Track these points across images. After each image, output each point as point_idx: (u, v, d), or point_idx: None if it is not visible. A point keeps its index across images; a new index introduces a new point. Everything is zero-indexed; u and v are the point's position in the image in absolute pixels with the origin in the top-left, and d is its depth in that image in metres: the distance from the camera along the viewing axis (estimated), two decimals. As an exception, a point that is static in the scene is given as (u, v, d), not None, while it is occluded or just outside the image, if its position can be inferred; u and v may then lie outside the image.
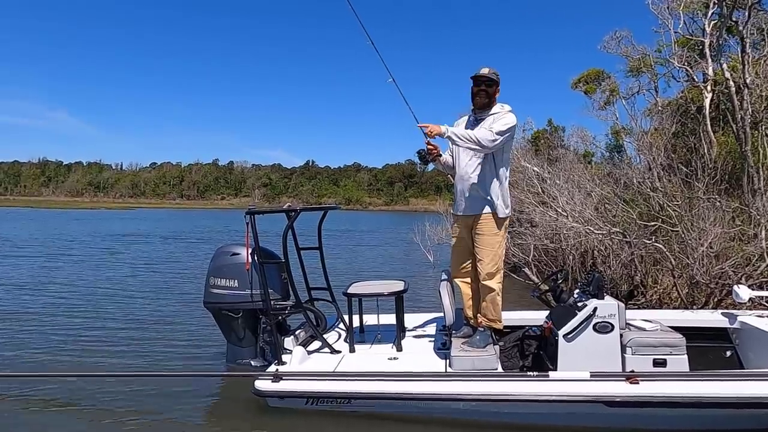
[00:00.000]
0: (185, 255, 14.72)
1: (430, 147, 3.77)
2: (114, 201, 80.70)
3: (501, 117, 3.67)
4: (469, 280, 3.97)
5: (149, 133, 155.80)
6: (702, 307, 5.52)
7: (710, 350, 4.01)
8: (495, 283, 3.75)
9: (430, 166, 4.08)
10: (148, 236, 21.38)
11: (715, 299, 5.65)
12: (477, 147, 3.56)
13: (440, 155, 3.90)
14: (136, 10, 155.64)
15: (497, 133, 3.54)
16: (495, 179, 3.72)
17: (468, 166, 3.79)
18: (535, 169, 9.17)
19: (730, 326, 4.10)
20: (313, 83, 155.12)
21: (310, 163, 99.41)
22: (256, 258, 4.03)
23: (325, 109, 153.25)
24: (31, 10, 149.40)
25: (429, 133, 3.58)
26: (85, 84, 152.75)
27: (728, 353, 4.03)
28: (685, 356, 3.43)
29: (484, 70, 3.72)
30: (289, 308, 4.16)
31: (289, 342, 4.12)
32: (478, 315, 3.89)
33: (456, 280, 4.02)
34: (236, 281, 4.13)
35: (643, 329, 3.61)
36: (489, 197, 3.71)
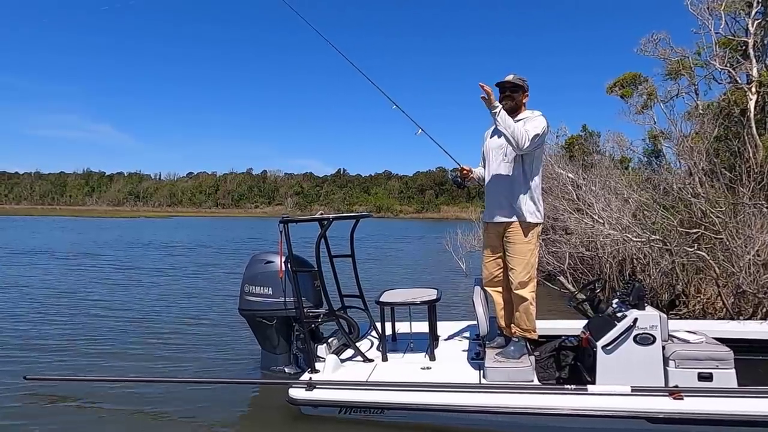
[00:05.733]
0: (221, 262, 15.04)
1: (465, 171, 3.82)
2: (153, 210, 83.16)
3: (533, 119, 3.64)
4: (501, 289, 3.92)
5: (186, 143, 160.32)
6: (749, 318, 5.28)
7: (760, 364, 3.80)
8: (528, 292, 3.69)
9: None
10: (186, 244, 21.95)
11: (764, 310, 5.39)
12: (511, 139, 3.51)
13: (472, 174, 3.95)
14: (173, 26, 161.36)
15: (532, 138, 3.52)
16: (526, 186, 3.68)
17: (498, 173, 3.76)
18: (570, 175, 8.99)
19: None
20: (343, 92, 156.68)
21: (341, 172, 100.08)
22: (289, 266, 4.08)
23: (355, 117, 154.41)
24: (77, 28, 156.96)
25: (489, 97, 3.44)
26: (127, 98, 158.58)
27: None
28: (733, 370, 3.27)
29: (509, 77, 3.72)
30: (322, 316, 4.19)
31: (322, 350, 4.14)
32: (512, 325, 3.83)
33: (488, 289, 3.97)
34: (270, 289, 4.18)
35: (687, 341, 3.47)
36: (519, 204, 3.67)
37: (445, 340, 4.51)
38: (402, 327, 4.69)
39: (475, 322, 3.94)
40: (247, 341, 5.37)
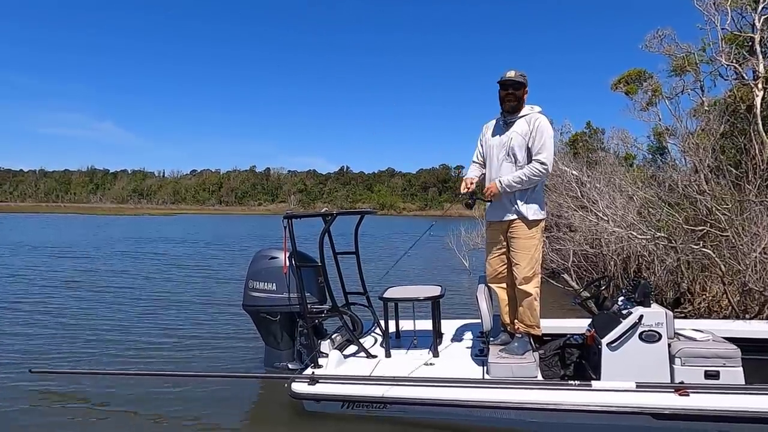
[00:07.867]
0: (224, 258, 15.05)
1: (468, 186, 3.83)
2: (156, 207, 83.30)
3: (536, 133, 3.60)
4: (505, 285, 3.91)
5: (190, 141, 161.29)
6: (755, 317, 5.25)
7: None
8: (532, 288, 3.68)
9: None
10: (189, 241, 21.99)
11: (771, 308, 5.35)
12: (536, 180, 3.61)
13: (475, 180, 3.96)
14: (175, 24, 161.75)
15: (543, 160, 3.56)
16: None
17: (500, 172, 3.75)
18: (574, 172, 8.94)
19: None
20: (346, 90, 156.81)
21: (345, 169, 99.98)
22: (293, 262, 4.07)
23: (358, 115, 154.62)
24: (80, 27, 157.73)
25: (491, 196, 3.74)
26: (131, 95, 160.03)
27: None
28: (740, 369, 3.25)
29: (510, 74, 3.68)
30: (325, 312, 4.19)
31: (325, 346, 4.13)
32: (516, 321, 3.81)
33: (492, 285, 3.96)
34: (274, 284, 4.17)
35: (694, 339, 3.45)
36: (522, 203, 3.66)
37: (449, 336, 4.50)
38: (406, 324, 4.67)
39: (479, 320, 3.92)
40: (250, 337, 5.37)
